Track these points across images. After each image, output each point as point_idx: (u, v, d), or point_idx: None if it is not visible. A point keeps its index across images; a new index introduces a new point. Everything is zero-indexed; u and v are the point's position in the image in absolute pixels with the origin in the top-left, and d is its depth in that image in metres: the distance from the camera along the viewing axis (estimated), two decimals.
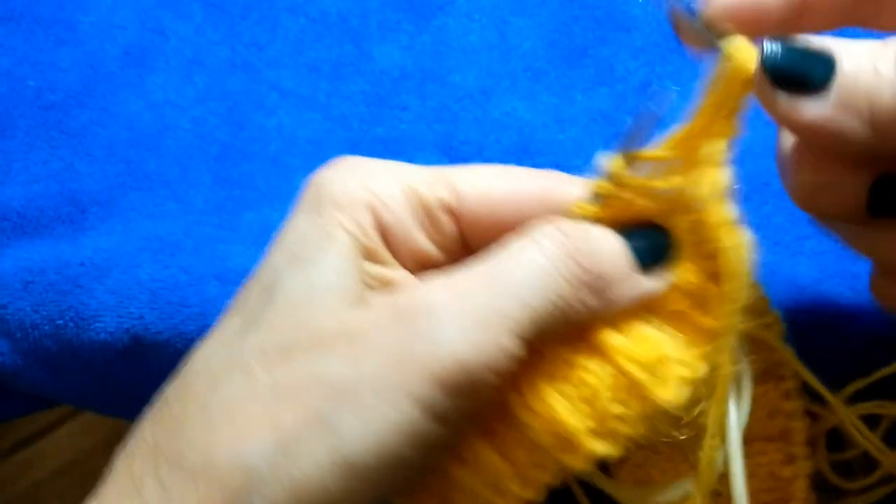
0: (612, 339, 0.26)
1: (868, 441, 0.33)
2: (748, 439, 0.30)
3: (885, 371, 0.34)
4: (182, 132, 0.47)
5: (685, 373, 0.26)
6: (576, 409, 0.24)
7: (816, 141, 0.26)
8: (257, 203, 0.44)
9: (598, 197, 0.28)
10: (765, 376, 0.33)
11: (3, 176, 0.45)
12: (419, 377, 0.23)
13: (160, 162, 0.46)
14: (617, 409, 0.24)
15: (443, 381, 0.23)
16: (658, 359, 0.25)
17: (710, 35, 0.26)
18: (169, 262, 0.41)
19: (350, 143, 0.46)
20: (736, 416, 0.28)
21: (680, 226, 0.27)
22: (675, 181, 0.27)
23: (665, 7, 0.27)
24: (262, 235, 0.30)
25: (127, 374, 0.41)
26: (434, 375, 0.23)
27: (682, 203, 0.27)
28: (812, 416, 0.34)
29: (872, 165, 0.25)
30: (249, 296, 0.27)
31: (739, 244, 0.26)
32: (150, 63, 0.49)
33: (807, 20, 0.27)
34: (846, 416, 0.33)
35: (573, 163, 0.34)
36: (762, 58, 0.25)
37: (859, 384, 0.34)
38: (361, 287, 0.27)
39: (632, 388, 0.25)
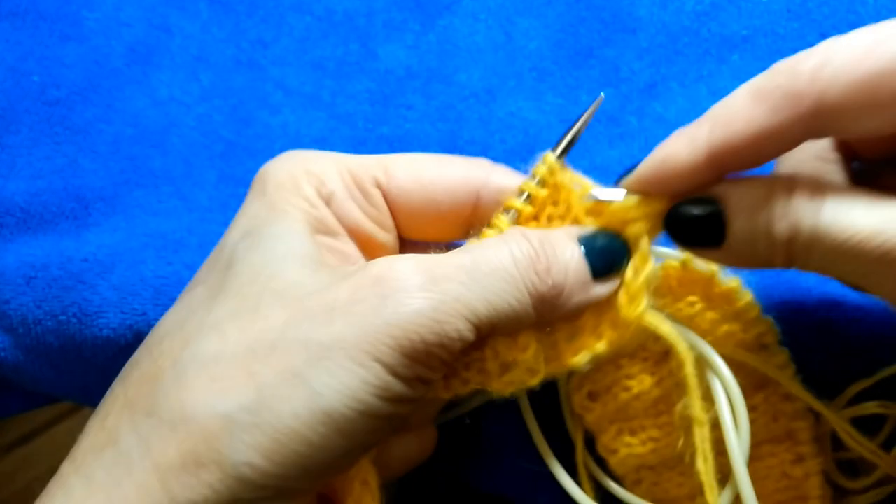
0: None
1: (861, 445, 0.33)
2: (756, 443, 0.30)
3: (887, 371, 0.34)
4: (187, 129, 0.47)
5: (525, 378, 0.29)
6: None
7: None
8: None
9: (531, 195, 0.31)
10: (764, 381, 0.33)
11: (6, 171, 0.45)
12: (386, 344, 0.26)
13: (165, 159, 0.46)
14: (467, 375, 0.30)
15: (405, 349, 0.26)
16: (513, 359, 0.29)
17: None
18: (172, 258, 0.41)
19: (355, 142, 0.46)
20: (737, 441, 0.30)
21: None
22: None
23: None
24: None
25: None
26: (399, 344, 0.26)
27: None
28: (816, 415, 0.34)
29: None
30: (210, 272, 0.30)
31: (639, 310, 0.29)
32: (156, 60, 0.49)
33: (726, 164, 0.28)
34: (836, 422, 0.33)
35: (578, 163, 0.33)
36: (666, 225, 0.29)
37: (863, 384, 0.34)
38: (319, 252, 0.29)
39: (481, 369, 0.29)
